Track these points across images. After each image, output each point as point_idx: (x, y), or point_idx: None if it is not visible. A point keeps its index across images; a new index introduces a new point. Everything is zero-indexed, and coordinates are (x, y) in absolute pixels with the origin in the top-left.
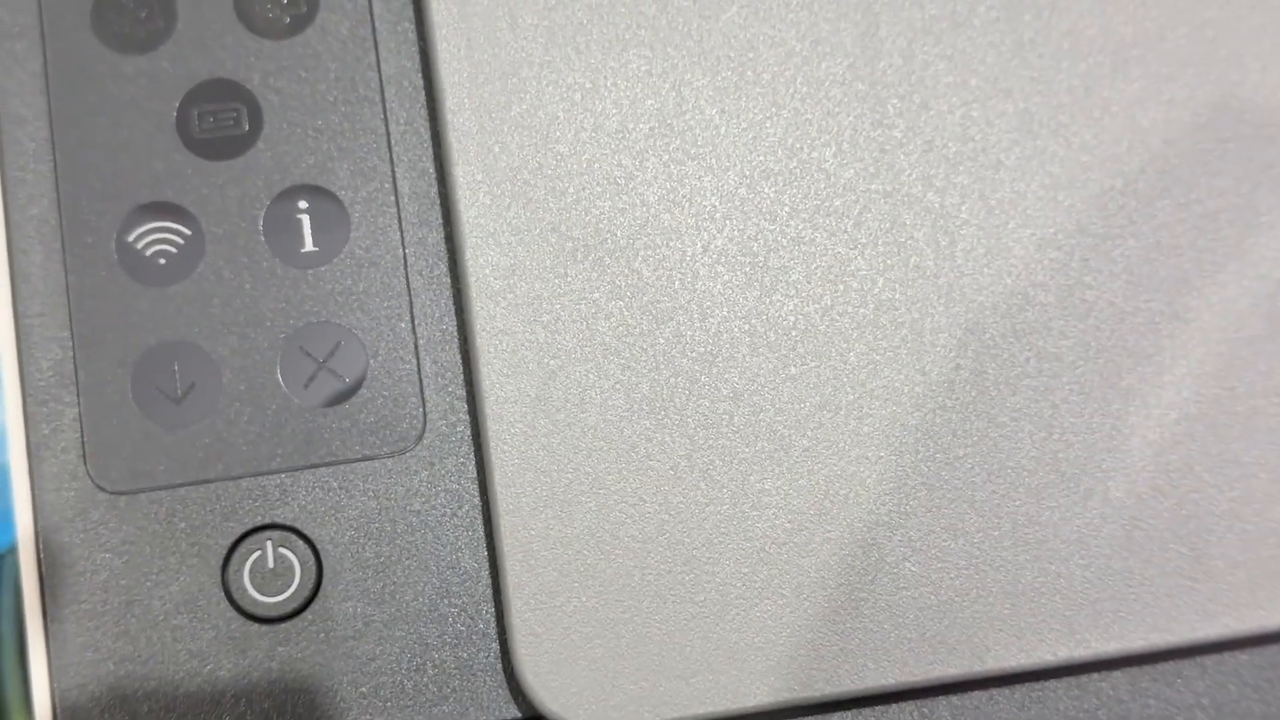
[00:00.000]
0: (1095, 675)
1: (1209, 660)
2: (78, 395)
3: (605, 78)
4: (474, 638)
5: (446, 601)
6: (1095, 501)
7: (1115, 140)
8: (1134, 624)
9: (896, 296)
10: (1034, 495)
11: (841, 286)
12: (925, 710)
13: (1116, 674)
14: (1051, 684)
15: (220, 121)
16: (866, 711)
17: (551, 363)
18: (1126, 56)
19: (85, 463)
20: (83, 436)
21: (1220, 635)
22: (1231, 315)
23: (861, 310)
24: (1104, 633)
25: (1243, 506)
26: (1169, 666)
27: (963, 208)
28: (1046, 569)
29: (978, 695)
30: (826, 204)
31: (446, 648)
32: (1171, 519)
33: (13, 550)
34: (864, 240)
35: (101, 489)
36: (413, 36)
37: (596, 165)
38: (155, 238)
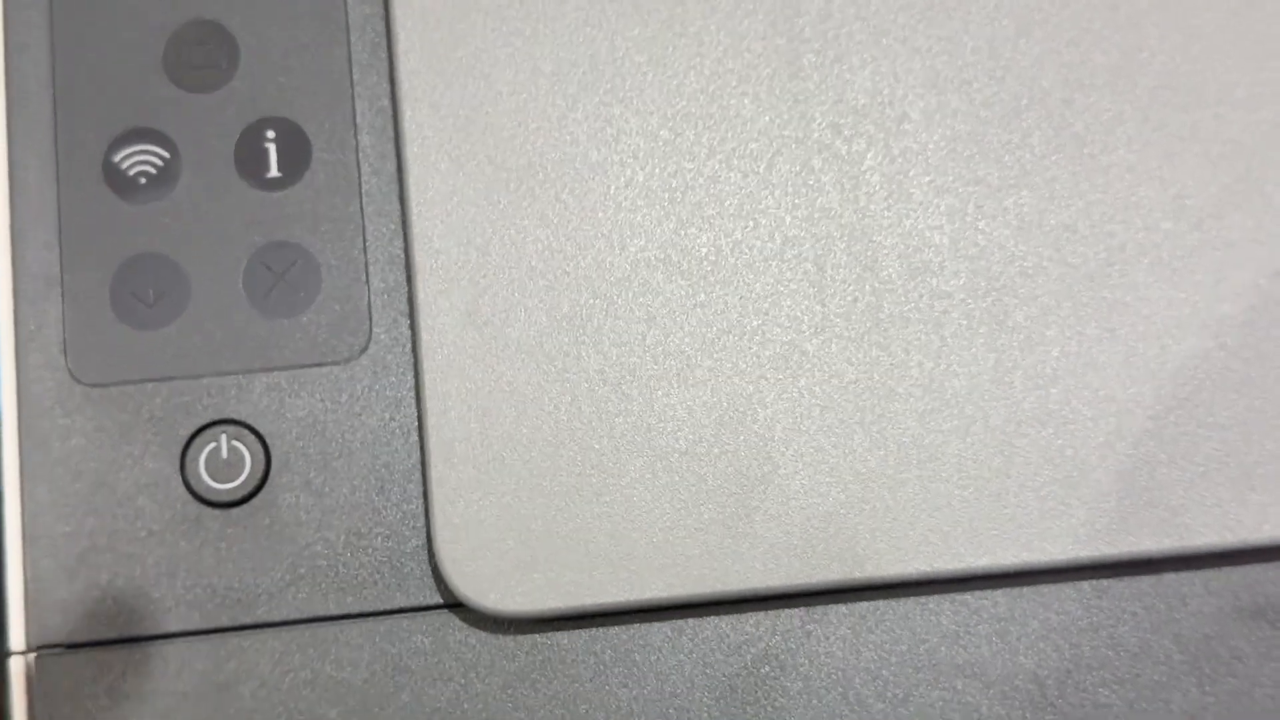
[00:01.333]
0: (977, 593)
1: (1084, 584)
2: (61, 297)
3: (543, 25)
4: (404, 532)
5: (381, 498)
6: (977, 428)
7: (1014, 98)
8: (1008, 543)
9: (802, 234)
10: (919, 419)
11: (751, 223)
12: (814, 615)
13: (997, 593)
14: (935, 599)
15: (202, 58)
16: (757, 614)
17: (482, 281)
18: (1030, 20)
19: (65, 357)
20: (64, 334)
21: (1092, 558)
22: (1116, 263)
23: (769, 245)
24: (979, 549)
25: (1117, 439)
26: (1048, 589)
27: (868, 155)
28: (928, 487)
29: (864, 605)
30: (741, 147)
31: (379, 539)
32: (1048, 448)
33: None
34: (774, 181)
35: (78, 381)
36: None
37: (532, 104)
38: (138, 159)
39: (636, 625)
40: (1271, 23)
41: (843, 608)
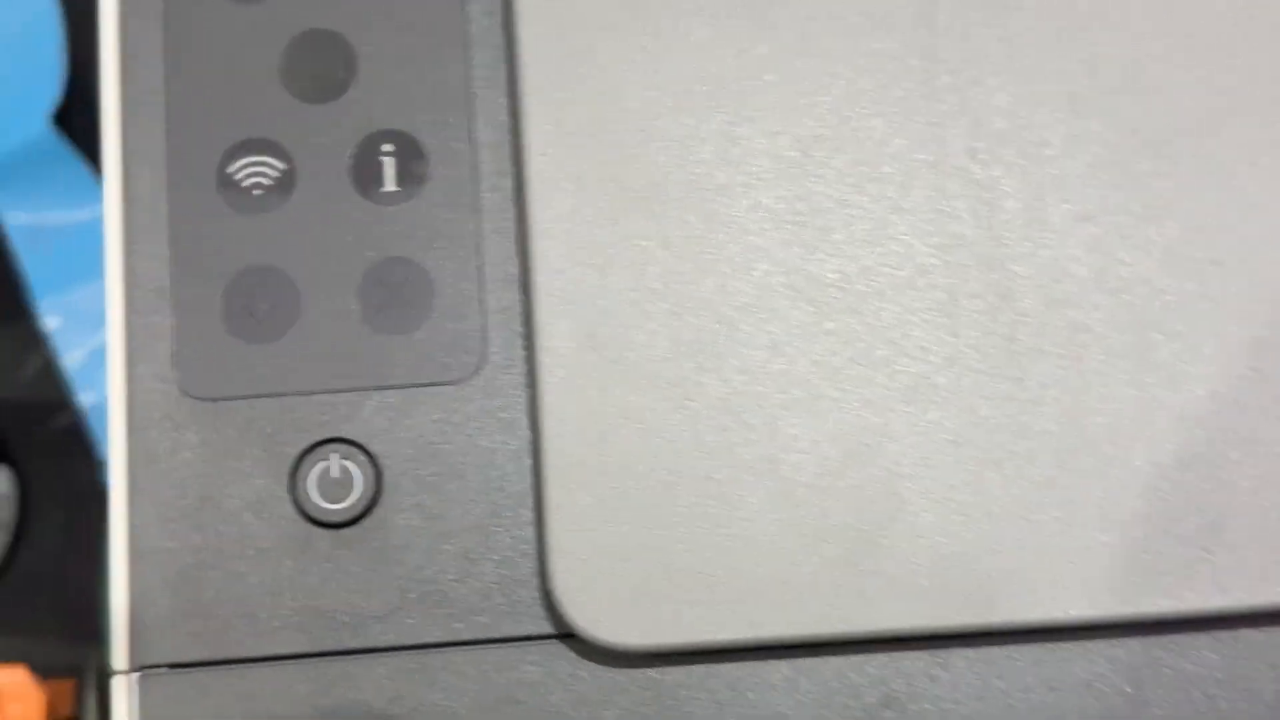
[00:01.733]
0: (1110, 640)
1: (1223, 634)
2: (172, 308)
3: (672, 41)
4: (516, 558)
5: (493, 522)
6: (1117, 469)
7: (1161, 124)
8: (1146, 590)
9: (934, 261)
10: (1056, 459)
11: (881, 248)
12: (939, 659)
13: (1131, 640)
14: (1066, 645)
15: (319, 67)
16: (881, 656)
17: (602, 303)
18: (1177, 44)
19: (175, 370)
20: (174, 346)
21: (1233, 608)
22: (1266, 299)
23: (899, 272)
24: (1117, 596)
25: (1263, 485)
26: (1183, 638)
27: (1005, 181)
28: (1063, 530)
29: (994, 650)
30: (873, 170)
31: (490, 564)
32: (1191, 492)
33: None
34: (906, 206)
35: (187, 395)
36: None
37: (658, 123)
38: (252, 170)
39: (754, 663)
40: None
41: (970, 652)
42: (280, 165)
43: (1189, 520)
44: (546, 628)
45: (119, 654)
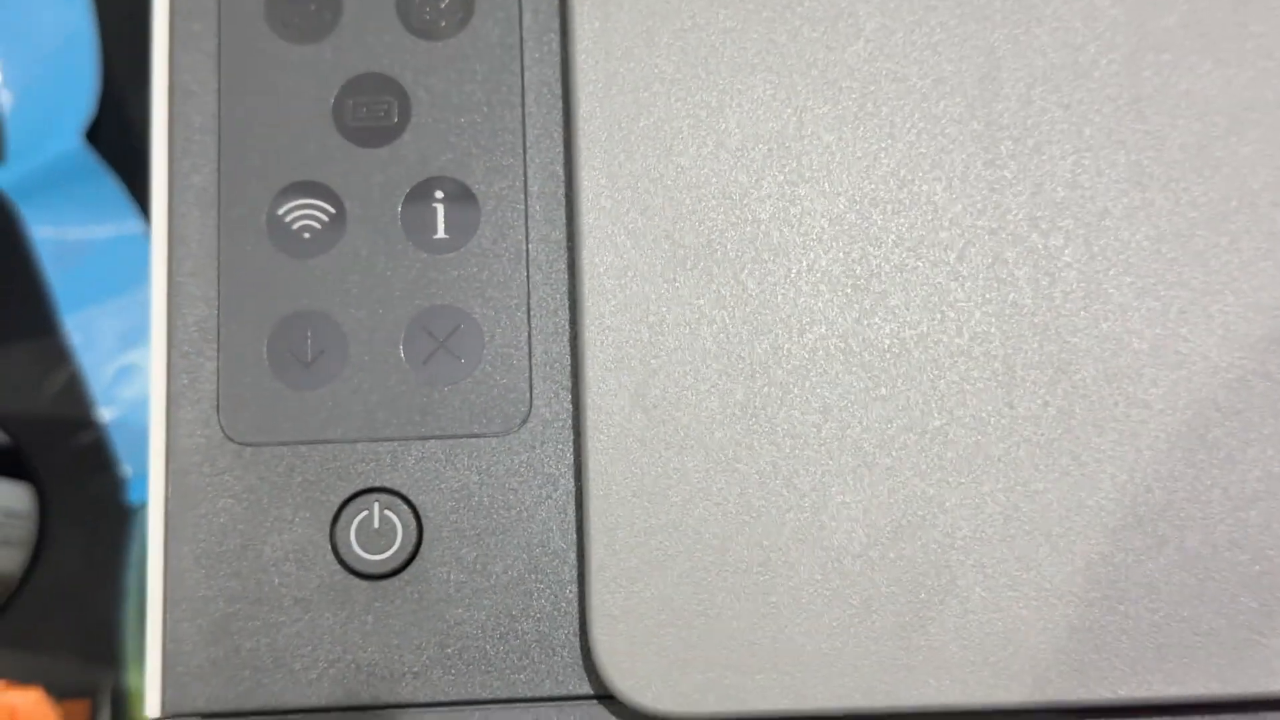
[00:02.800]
0: None
1: (1272, 717)
2: (218, 351)
3: (731, 98)
4: (556, 615)
5: (534, 577)
6: (1170, 549)
7: (1223, 199)
8: (1198, 671)
9: (992, 330)
10: (1109, 536)
11: (939, 315)
12: None
13: None
14: None
15: (372, 112)
16: None
17: (653, 362)
18: (1242, 119)
19: (218, 413)
20: (218, 389)
21: None
22: None
23: (956, 340)
24: (1167, 677)
25: None
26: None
27: (1066, 251)
28: (1115, 609)
29: None
30: (932, 235)
31: (530, 621)
32: (1245, 573)
33: (145, 506)
34: (965, 273)
35: (230, 439)
36: (556, 47)
37: (714, 180)
38: (302, 213)
39: None
40: None
41: None
42: (331, 209)
43: (1241, 602)
44: (585, 689)
45: (152, 701)
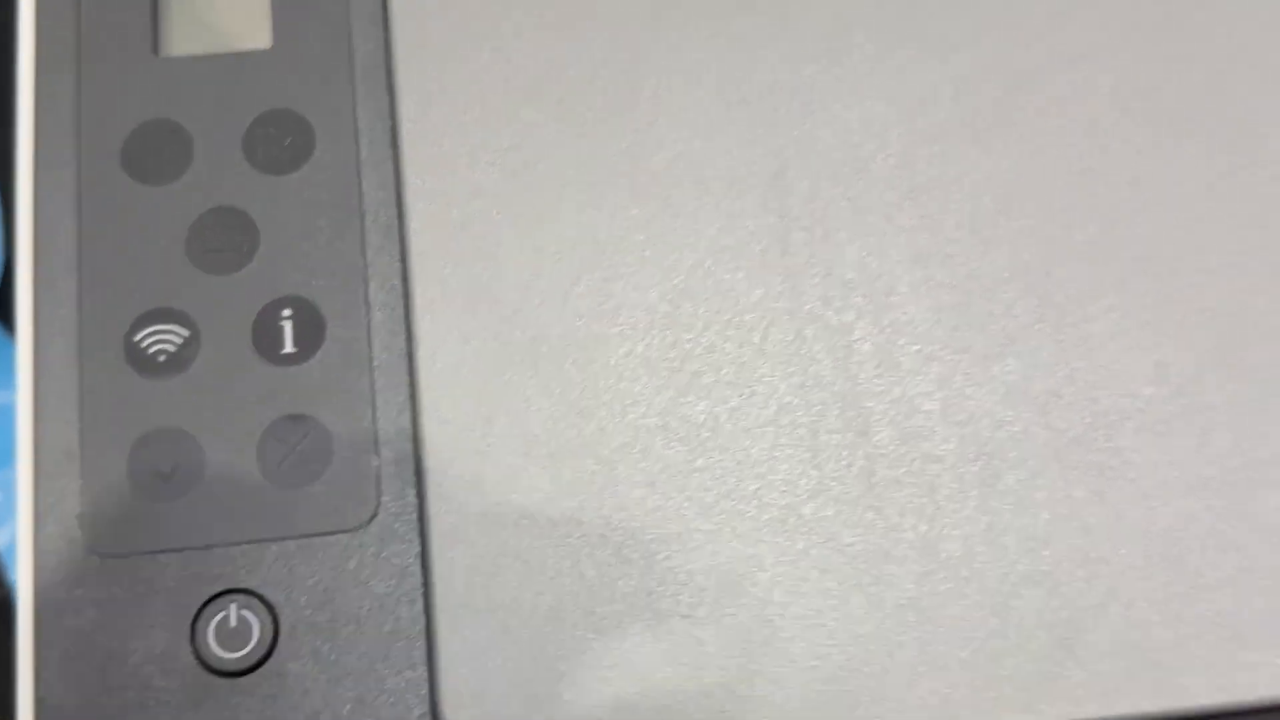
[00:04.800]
0: None
1: None
2: (80, 470)
3: (547, 207)
4: (408, 698)
5: (384, 665)
6: (972, 589)
7: (997, 270)
8: (1005, 704)
9: (796, 401)
10: (915, 581)
11: (747, 390)
12: None
13: None
14: None
15: (223, 242)
16: None
17: (487, 450)
18: (1009, 197)
19: (81, 529)
20: (81, 506)
21: (1087, 719)
22: (1101, 427)
23: (764, 412)
24: (976, 710)
25: (1109, 600)
26: None
27: (858, 325)
28: (924, 649)
29: None
30: (737, 319)
31: (384, 706)
32: (1043, 609)
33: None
34: (768, 351)
35: (94, 552)
36: (391, 173)
37: (536, 282)
38: (158, 338)
39: None
40: (1243, 198)
41: None
42: (184, 332)
43: (1040, 635)
44: None
45: None
